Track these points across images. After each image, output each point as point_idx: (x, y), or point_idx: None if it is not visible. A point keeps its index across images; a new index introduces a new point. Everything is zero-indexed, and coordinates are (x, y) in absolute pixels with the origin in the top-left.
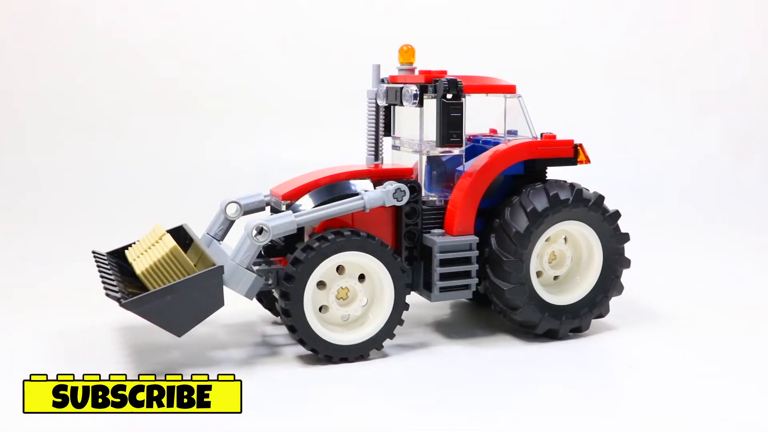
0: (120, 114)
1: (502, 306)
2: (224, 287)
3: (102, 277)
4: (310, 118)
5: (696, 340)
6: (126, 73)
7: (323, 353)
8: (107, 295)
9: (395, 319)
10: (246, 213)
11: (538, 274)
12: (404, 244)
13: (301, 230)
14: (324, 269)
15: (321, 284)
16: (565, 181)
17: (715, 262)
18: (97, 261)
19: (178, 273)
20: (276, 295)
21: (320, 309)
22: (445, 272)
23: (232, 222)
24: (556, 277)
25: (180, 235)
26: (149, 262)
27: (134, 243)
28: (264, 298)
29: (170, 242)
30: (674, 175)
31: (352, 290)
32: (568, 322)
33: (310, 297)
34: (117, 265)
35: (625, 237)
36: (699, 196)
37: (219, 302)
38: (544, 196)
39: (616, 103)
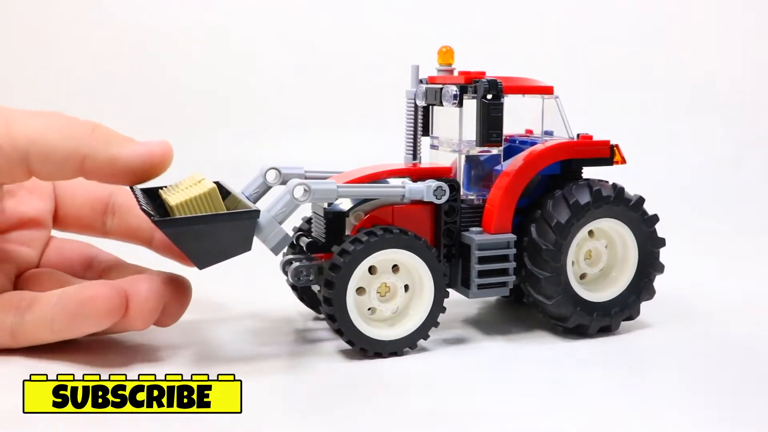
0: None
1: (535, 296)
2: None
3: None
4: (346, 118)
5: (698, 339)
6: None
7: (372, 350)
8: (141, 208)
9: (436, 313)
10: (284, 183)
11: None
12: (443, 241)
13: (342, 230)
14: (375, 261)
15: (372, 269)
16: (607, 181)
17: (714, 263)
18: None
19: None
20: (316, 290)
21: (357, 290)
22: (483, 269)
23: (268, 188)
24: (583, 276)
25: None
26: (184, 197)
27: (168, 186)
28: (305, 296)
29: (209, 184)
30: (674, 175)
31: (393, 289)
32: (599, 319)
33: (355, 286)
34: (150, 200)
35: (662, 241)
36: (699, 196)
37: (247, 245)
38: (587, 190)
39: (616, 104)
